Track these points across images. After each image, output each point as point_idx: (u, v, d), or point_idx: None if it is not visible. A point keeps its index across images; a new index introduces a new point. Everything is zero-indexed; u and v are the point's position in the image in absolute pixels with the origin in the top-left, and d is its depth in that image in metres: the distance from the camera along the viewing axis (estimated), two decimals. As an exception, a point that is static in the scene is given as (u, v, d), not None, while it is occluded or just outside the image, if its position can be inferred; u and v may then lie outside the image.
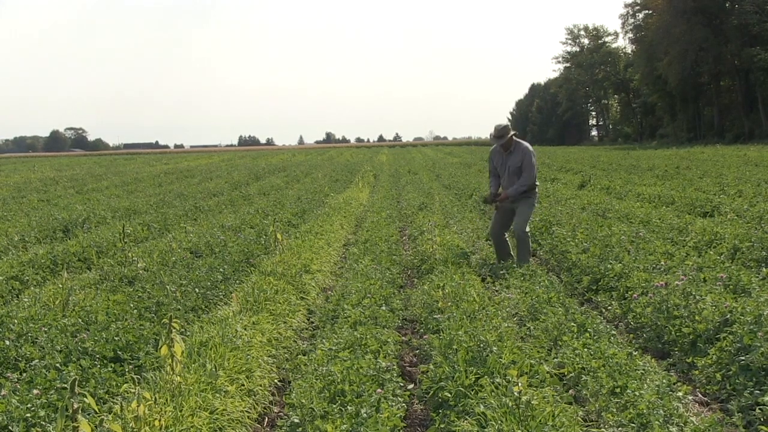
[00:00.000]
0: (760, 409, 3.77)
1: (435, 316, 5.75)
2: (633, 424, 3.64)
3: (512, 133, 7.83)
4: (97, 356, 4.68)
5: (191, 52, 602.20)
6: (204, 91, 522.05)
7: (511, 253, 8.14)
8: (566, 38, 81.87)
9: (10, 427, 3.46)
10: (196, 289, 6.63)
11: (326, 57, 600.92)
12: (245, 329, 5.34)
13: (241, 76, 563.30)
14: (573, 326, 5.21)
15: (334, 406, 3.88)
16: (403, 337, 5.80)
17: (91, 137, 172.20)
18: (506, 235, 8.20)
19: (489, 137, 7.96)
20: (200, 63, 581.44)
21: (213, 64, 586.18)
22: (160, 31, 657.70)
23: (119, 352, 4.81)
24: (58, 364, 4.44)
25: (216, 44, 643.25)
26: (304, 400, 4.02)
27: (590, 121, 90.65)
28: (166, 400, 3.83)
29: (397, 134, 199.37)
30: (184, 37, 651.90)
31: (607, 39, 78.25)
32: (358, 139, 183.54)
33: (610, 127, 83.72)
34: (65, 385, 3.87)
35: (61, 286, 6.81)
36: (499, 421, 3.51)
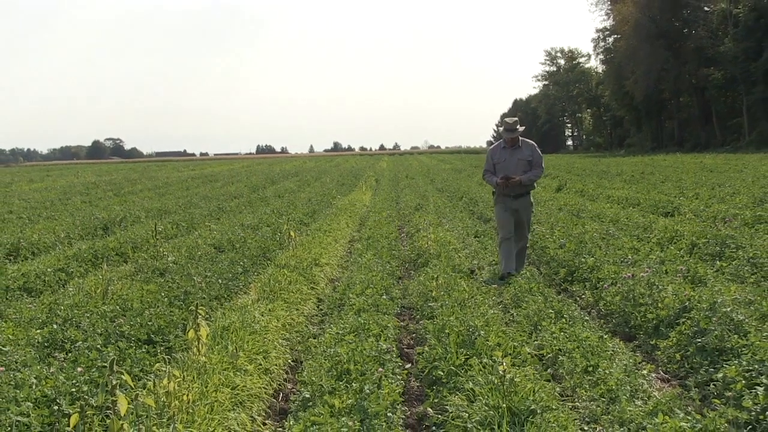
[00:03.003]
0: (713, 384, 3.77)
1: (429, 304, 5.75)
2: (603, 399, 3.64)
3: (521, 128, 7.16)
4: (133, 339, 4.68)
5: (215, 71, 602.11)
6: (226, 105, 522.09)
7: (514, 258, 7.23)
8: (545, 59, 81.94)
9: (57, 400, 3.47)
10: (219, 280, 6.63)
11: (333, 75, 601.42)
12: (262, 315, 5.35)
13: (258, 92, 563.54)
14: (551, 313, 5.21)
15: (341, 383, 3.88)
16: (402, 323, 5.80)
17: (127, 146, 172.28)
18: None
19: (500, 130, 7.17)
20: (222, 80, 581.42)
21: (234, 82, 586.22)
22: (186, 52, 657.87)
23: (152, 335, 4.80)
24: (98, 346, 4.44)
25: (236, 63, 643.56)
26: (314, 378, 4.02)
27: (566, 132, 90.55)
28: (193, 377, 3.84)
29: (396, 143, 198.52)
30: (208, 57, 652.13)
31: (581, 60, 78.19)
32: (362, 148, 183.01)
33: (584, 137, 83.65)
34: (105, 364, 3.87)
35: (101, 277, 6.82)
36: (486, 396, 3.51)
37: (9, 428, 3.12)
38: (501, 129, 7.20)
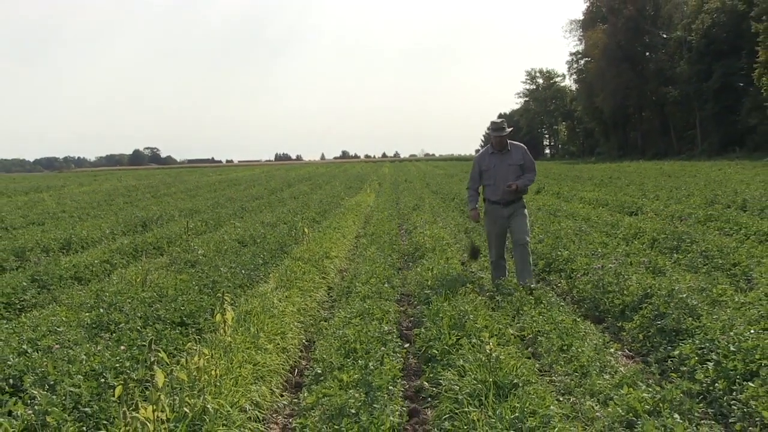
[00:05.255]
0: (671, 360, 3.78)
1: (426, 291, 5.74)
2: (576, 374, 3.64)
3: (510, 129, 5.97)
4: (168, 321, 4.69)
5: (239, 88, 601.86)
6: (249, 117, 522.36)
7: (506, 271, 6.17)
8: (526, 78, 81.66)
9: (104, 374, 3.48)
10: (243, 271, 6.63)
11: (342, 90, 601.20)
12: (280, 301, 5.35)
13: (277, 105, 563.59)
14: (531, 299, 5.21)
15: (348, 360, 3.88)
16: (401, 308, 5.80)
17: (163, 154, 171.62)
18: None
19: (487, 131, 5.84)
20: (246, 96, 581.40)
21: (256, 97, 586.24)
22: (214, 71, 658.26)
23: (184, 319, 4.81)
24: (138, 327, 4.45)
25: (257, 81, 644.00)
26: (325, 356, 4.02)
27: (544, 141, 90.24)
28: (220, 355, 3.84)
29: (396, 152, 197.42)
30: (232, 75, 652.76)
31: (557, 79, 77.89)
32: (367, 155, 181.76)
33: (560, 146, 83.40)
34: (144, 343, 3.87)
35: (140, 267, 6.83)
36: (475, 372, 3.51)
37: (63, 397, 3.13)
38: (489, 130, 6.05)
